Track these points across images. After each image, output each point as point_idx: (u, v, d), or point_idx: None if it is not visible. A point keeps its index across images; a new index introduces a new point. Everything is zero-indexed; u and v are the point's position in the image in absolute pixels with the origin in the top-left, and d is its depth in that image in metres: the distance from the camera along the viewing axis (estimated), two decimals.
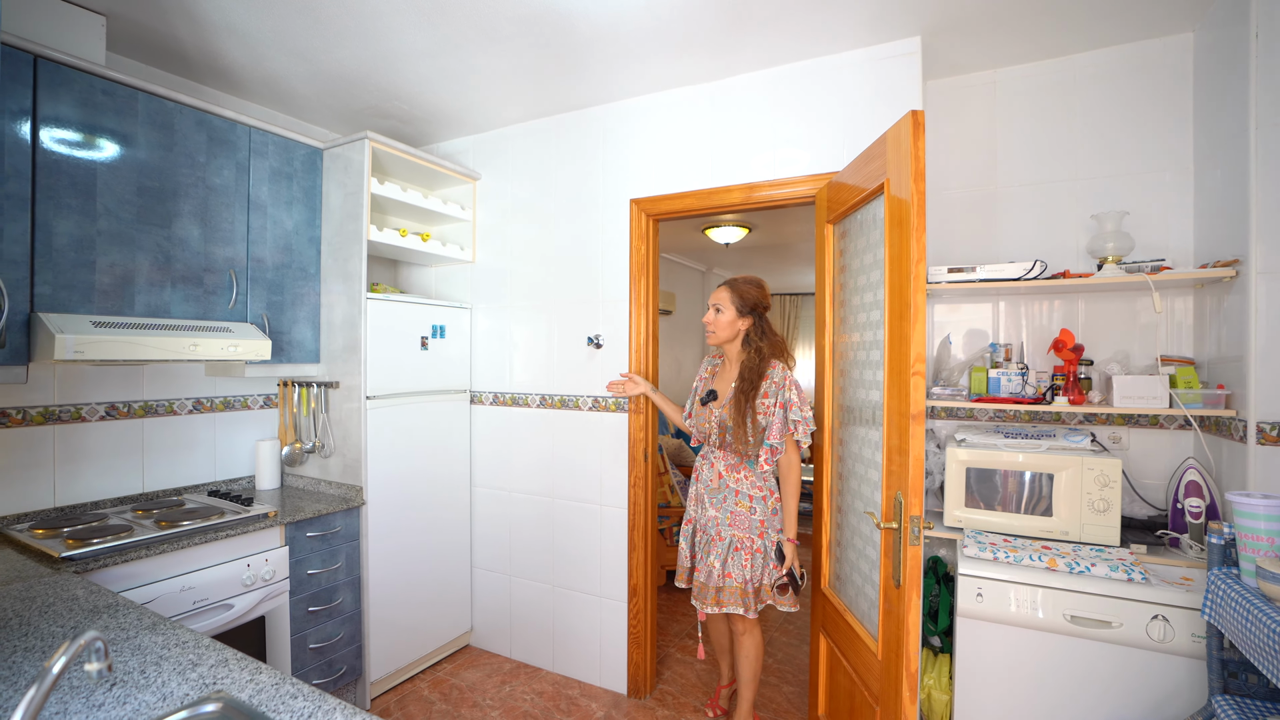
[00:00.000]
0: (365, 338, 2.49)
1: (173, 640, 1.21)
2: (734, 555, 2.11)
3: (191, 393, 2.50)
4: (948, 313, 2.46)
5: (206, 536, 1.95)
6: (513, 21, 2.07)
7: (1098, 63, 2.21)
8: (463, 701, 2.58)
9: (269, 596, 2.14)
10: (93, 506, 2.19)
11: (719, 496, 2.17)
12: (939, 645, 2.23)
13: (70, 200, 1.87)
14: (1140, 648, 1.66)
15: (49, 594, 1.45)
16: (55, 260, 1.84)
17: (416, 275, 3.29)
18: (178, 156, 2.13)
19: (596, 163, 2.74)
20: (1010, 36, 2.13)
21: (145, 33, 2.17)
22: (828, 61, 2.27)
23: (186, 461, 2.48)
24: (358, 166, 2.51)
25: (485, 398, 3.04)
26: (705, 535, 2.20)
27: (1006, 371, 2.13)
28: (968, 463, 2.07)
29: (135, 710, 0.98)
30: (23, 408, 2.03)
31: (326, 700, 1.00)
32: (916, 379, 1.51)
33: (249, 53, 2.30)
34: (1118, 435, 2.16)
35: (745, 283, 2.18)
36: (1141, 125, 2.16)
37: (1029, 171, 2.32)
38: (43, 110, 1.82)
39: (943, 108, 2.44)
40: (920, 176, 1.51)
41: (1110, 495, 1.88)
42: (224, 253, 2.27)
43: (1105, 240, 2.00)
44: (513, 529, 2.95)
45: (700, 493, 2.25)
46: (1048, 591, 1.76)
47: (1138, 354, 2.15)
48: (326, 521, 2.36)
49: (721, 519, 2.16)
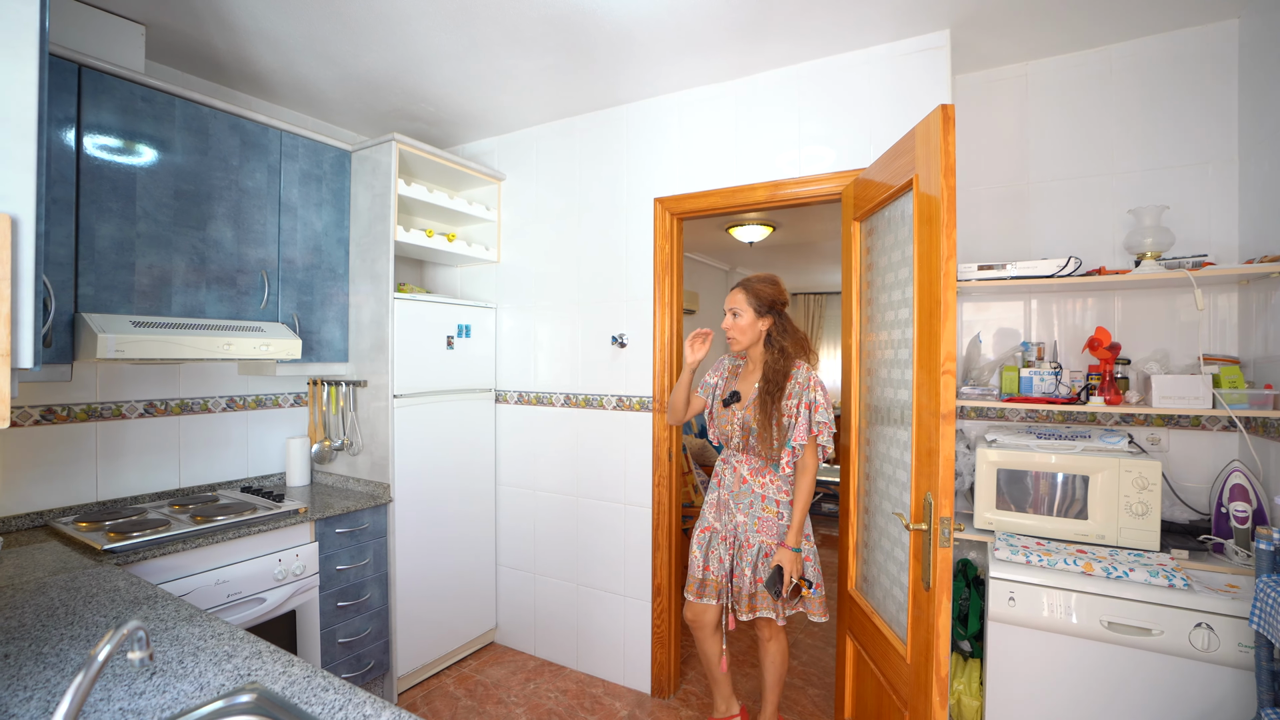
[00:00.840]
0: (392, 337, 2.53)
1: (209, 632, 1.24)
2: (764, 561, 2.04)
3: (225, 391, 2.56)
4: (977, 311, 2.41)
5: (240, 531, 2.00)
6: (537, 23, 2.08)
7: (1135, 52, 2.14)
8: (488, 698, 2.60)
9: (299, 591, 2.19)
10: (132, 501, 2.26)
11: (745, 501, 2.09)
12: (969, 650, 2.19)
13: (111, 204, 1.93)
14: (1183, 657, 1.61)
15: (92, 585, 1.50)
16: (97, 262, 1.90)
17: (442, 275, 3.32)
18: (212, 160, 2.19)
19: (620, 162, 2.75)
20: (1043, 27, 2.08)
21: (182, 40, 2.23)
22: (854, 57, 2.24)
23: (220, 458, 2.55)
24: (385, 168, 2.55)
25: (510, 397, 3.06)
26: (735, 541, 2.10)
27: (1039, 371, 2.08)
28: (999, 464, 2.02)
29: (174, 699, 1.00)
30: (68, 405, 2.10)
31: (357, 693, 1.01)
32: (947, 378, 1.48)
33: (280, 58, 2.35)
34: (1157, 437, 2.10)
35: (760, 281, 2.11)
36: (1182, 116, 2.09)
37: (1062, 166, 2.26)
38: (86, 117, 1.88)
39: (972, 102, 2.39)
40: (950, 171, 1.48)
41: (1149, 498, 1.82)
42: (256, 254, 2.32)
43: (1144, 235, 1.94)
44: (537, 527, 2.97)
45: (724, 498, 2.14)
46: (1083, 596, 1.71)
47: (1178, 353, 2.08)
48: (355, 518, 2.40)
49: (749, 525, 2.07)
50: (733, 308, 2.11)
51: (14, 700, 0.99)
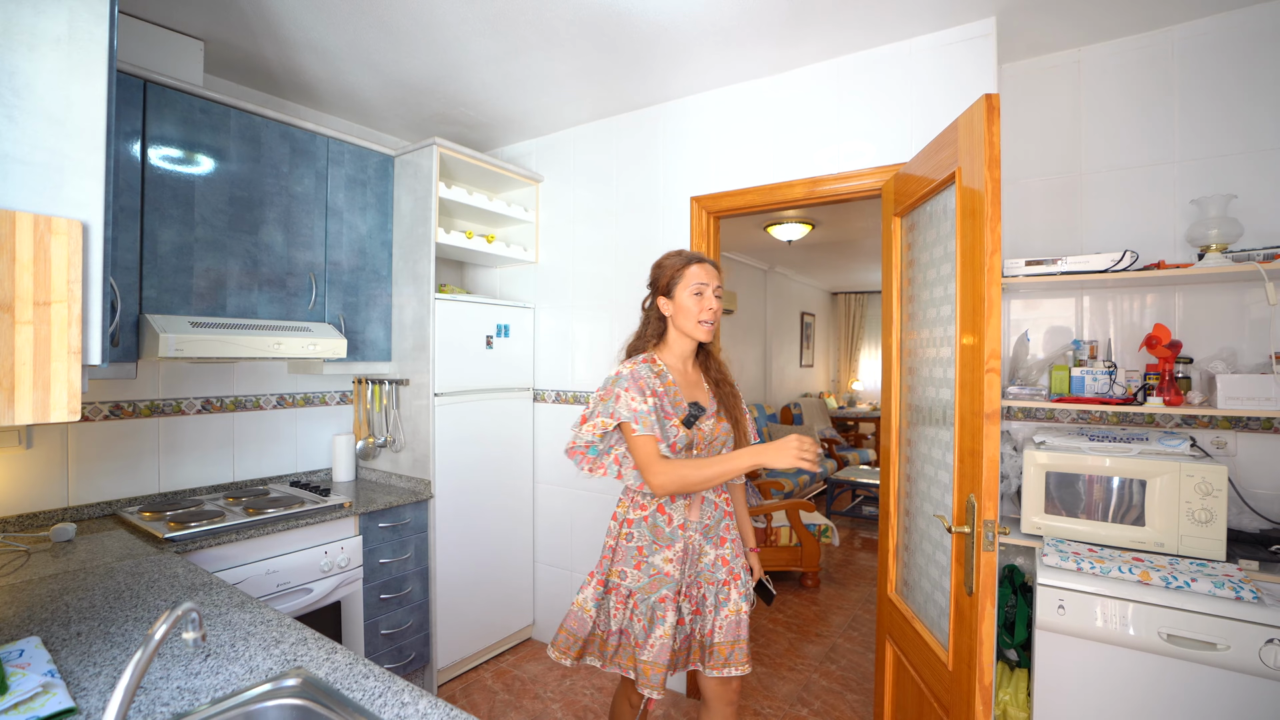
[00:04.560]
0: (433, 337, 2.59)
1: (259, 619, 1.29)
2: (732, 587, 1.69)
3: (276, 389, 2.67)
4: (1026, 309, 2.32)
5: (289, 524, 2.08)
6: (573, 24, 2.10)
7: (1201, 33, 2.03)
8: (524, 693, 2.64)
9: (344, 583, 2.26)
10: (190, 493, 2.37)
11: (717, 534, 1.69)
12: (1015, 659, 2.11)
13: (172, 211, 2.04)
14: (1252, 674, 1.51)
15: (154, 571, 1.58)
16: (160, 266, 2.01)
17: (482, 276, 3.39)
18: (264, 167, 2.29)
19: (657, 161, 2.75)
20: (1097, 9, 1.99)
21: (237, 54, 2.34)
22: (895, 49, 2.19)
23: (271, 453, 2.66)
24: (426, 172, 2.62)
25: (548, 395, 3.10)
26: (714, 586, 1.66)
27: (1091, 370, 1.99)
28: (1048, 466, 1.94)
29: (226, 680, 1.05)
30: (133, 401, 2.23)
31: (396, 681, 1.04)
32: (991, 376, 1.43)
33: (327, 67, 2.44)
34: (1222, 440, 1.98)
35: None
36: (1252, 98, 1.96)
37: (1117, 156, 2.16)
38: (150, 130, 1.99)
39: (1020, 92, 2.31)
40: (995, 163, 1.43)
41: (1214, 505, 1.72)
42: (304, 257, 2.42)
43: (1208, 227, 1.83)
44: (574, 525, 3.00)
45: (692, 543, 1.64)
46: (1140, 606, 1.62)
47: (1247, 351, 1.96)
48: (397, 513, 2.47)
49: (726, 554, 1.69)
50: (717, 286, 1.68)
51: (85, 675, 1.05)
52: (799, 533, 3.89)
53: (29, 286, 1.00)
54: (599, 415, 1.60)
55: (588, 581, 1.70)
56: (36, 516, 1.99)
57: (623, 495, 1.73)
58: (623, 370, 1.63)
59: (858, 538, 5.13)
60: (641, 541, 1.63)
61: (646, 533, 1.63)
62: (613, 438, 1.66)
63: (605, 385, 1.63)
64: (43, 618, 1.28)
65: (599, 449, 1.67)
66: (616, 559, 1.66)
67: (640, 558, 1.63)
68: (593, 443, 1.65)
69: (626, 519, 1.67)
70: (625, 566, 1.64)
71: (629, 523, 1.66)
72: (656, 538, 1.63)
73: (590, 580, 1.69)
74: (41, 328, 1.01)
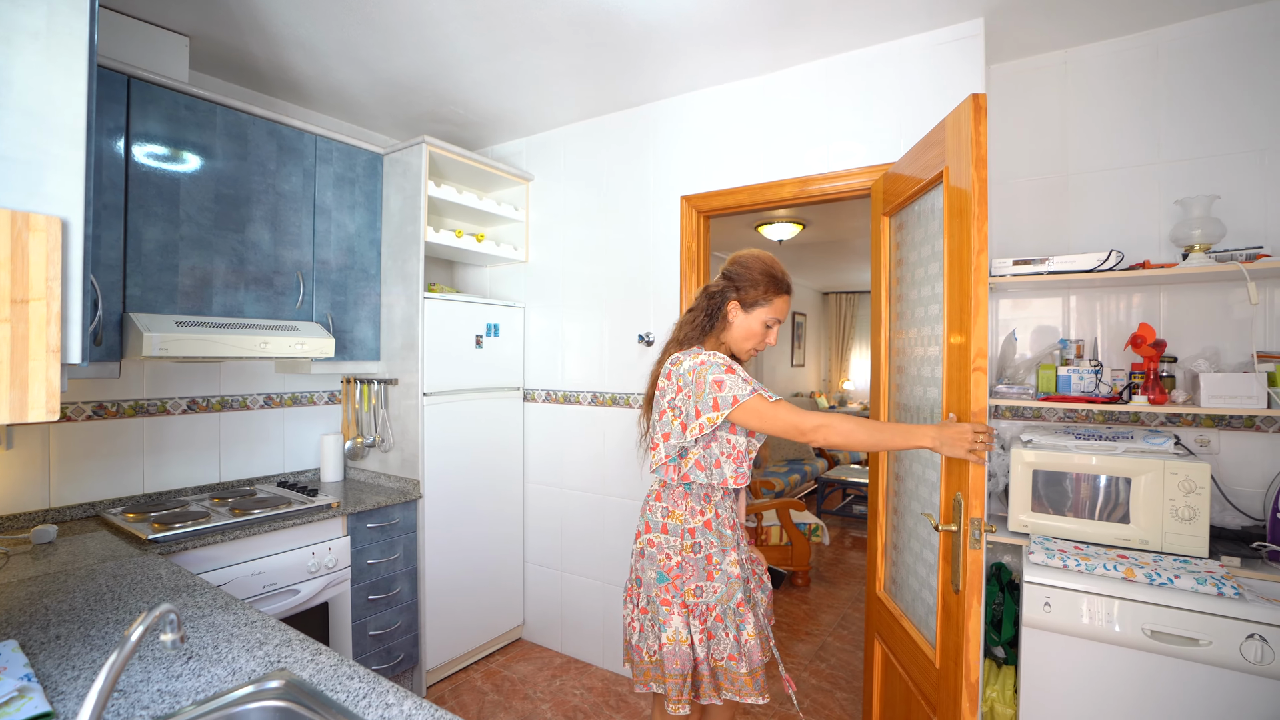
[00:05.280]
0: (422, 336, 2.58)
1: (243, 620, 1.28)
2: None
3: (263, 389, 2.65)
4: (1014, 308, 2.34)
5: (276, 524, 2.06)
6: (563, 23, 2.10)
7: (1187, 34, 2.05)
8: (514, 693, 2.63)
9: (332, 584, 2.24)
10: (175, 494, 2.35)
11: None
12: (1003, 656, 2.12)
13: (157, 208, 2.02)
14: (1233, 669, 1.53)
15: (137, 573, 1.56)
16: (144, 264, 1.99)
17: (472, 275, 3.38)
18: (251, 165, 2.27)
19: (647, 160, 2.75)
20: (1085, 11, 2.00)
21: (223, 50, 2.31)
22: (884, 49, 2.19)
23: (258, 453, 2.63)
24: (415, 170, 2.60)
25: (538, 395, 3.09)
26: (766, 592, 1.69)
27: (1078, 369, 2.01)
28: (1035, 464, 1.95)
29: (208, 682, 1.04)
30: (117, 401, 2.20)
31: (381, 682, 1.03)
32: (978, 375, 1.44)
33: (315, 64, 2.42)
34: (1205, 438, 2.00)
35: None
36: (1234, 101, 1.99)
37: (1104, 157, 2.18)
38: (134, 126, 1.97)
39: (1009, 92, 2.32)
40: (982, 163, 1.44)
41: (1197, 502, 1.74)
42: (292, 255, 2.40)
43: (1192, 227, 1.85)
44: (564, 525, 2.99)
45: (743, 542, 1.63)
46: (1125, 603, 1.64)
47: (1230, 350, 1.98)
48: (385, 513, 2.46)
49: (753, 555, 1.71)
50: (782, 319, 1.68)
51: (63, 679, 1.04)
52: (789, 532, 3.90)
53: (6, 284, 0.98)
54: (702, 414, 1.45)
55: (666, 612, 1.50)
56: (17, 518, 1.96)
57: (666, 503, 1.55)
58: (704, 359, 1.50)
59: (848, 536, 5.15)
60: (710, 550, 1.51)
61: (714, 538, 1.52)
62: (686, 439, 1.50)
63: (690, 381, 1.48)
64: (21, 621, 1.26)
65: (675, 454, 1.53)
66: (688, 576, 1.50)
67: (711, 566, 1.51)
68: (687, 448, 1.51)
69: (687, 528, 1.52)
70: (699, 582, 1.50)
71: (691, 532, 1.51)
72: (722, 542, 1.52)
73: (668, 610, 1.50)
74: (19, 326, 1.00)
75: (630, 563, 1.64)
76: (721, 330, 1.62)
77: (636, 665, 1.57)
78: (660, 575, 1.52)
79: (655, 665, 1.52)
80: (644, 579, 1.56)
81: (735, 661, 1.48)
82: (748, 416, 1.44)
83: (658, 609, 1.52)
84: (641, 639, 1.55)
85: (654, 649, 1.52)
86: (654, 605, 1.53)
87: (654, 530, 1.55)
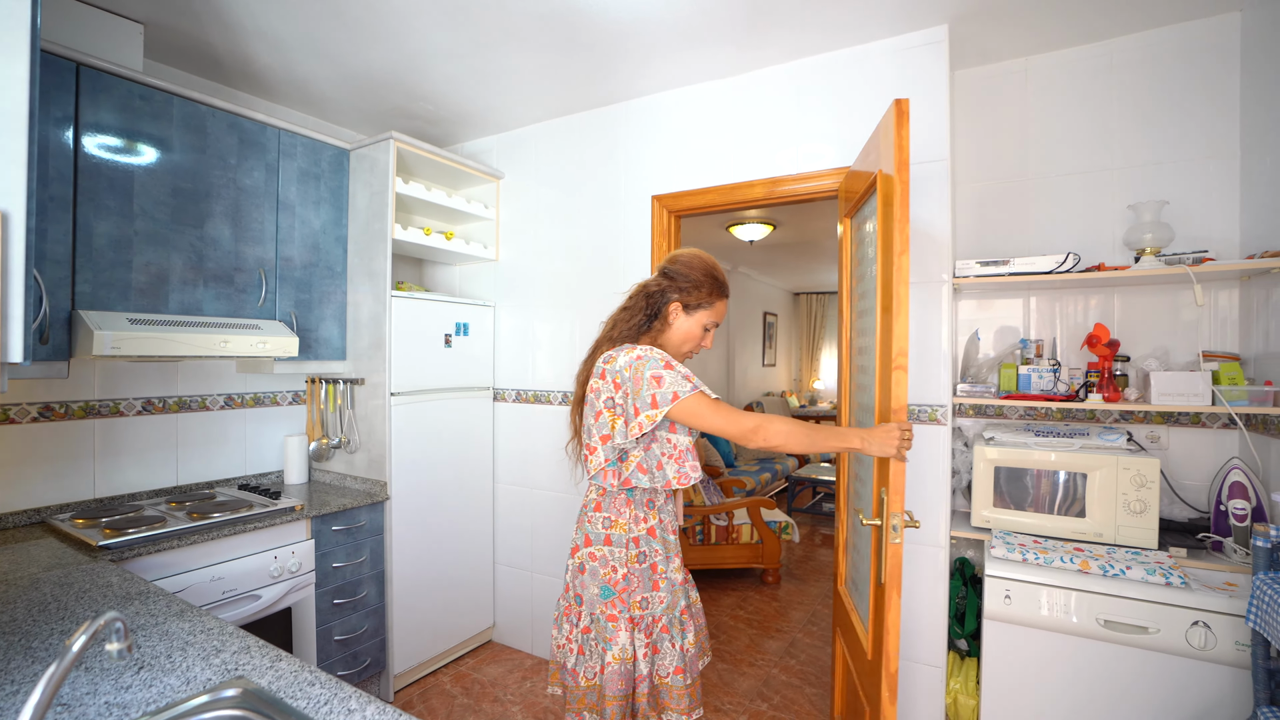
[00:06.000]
0: (390, 335, 2.53)
1: (199, 627, 1.24)
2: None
3: (223, 389, 2.57)
4: (977, 309, 2.39)
5: (236, 528, 2.00)
6: (535, 20, 2.08)
7: (1137, 46, 2.13)
8: (484, 696, 2.60)
9: (295, 588, 2.19)
10: (130, 498, 2.26)
11: None
12: (966, 649, 2.17)
13: (109, 202, 1.94)
14: (1180, 655, 1.59)
15: (85, 581, 1.50)
16: (95, 260, 1.91)
17: (441, 274, 3.33)
18: (210, 159, 2.20)
19: (618, 159, 2.74)
20: (1044, 21, 2.06)
21: (180, 39, 2.24)
22: (854, 52, 2.23)
23: (218, 455, 2.55)
24: (383, 166, 2.55)
25: (508, 395, 3.06)
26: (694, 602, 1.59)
27: (1038, 368, 2.07)
28: (996, 461, 2.01)
29: (160, 693, 1.00)
30: (65, 402, 2.11)
31: (343, 688, 1.01)
32: (899, 374, 1.46)
33: (279, 57, 2.35)
34: (1156, 434, 2.08)
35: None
36: (1184, 111, 2.07)
37: (1063, 161, 2.25)
38: (84, 116, 1.89)
39: (974, 97, 2.38)
40: (904, 166, 1.46)
41: (1147, 496, 1.81)
42: (254, 252, 2.33)
43: (1143, 231, 1.92)
44: (535, 525, 2.97)
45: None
46: (1080, 595, 1.69)
47: (1178, 350, 2.06)
48: (351, 516, 2.41)
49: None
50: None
51: (1, 693, 0.99)
52: (760, 530, 3.94)
53: None
54: (641, 412, 1.35)
55: (612, 629, 1.42)
56: None
57: (607, 513, 1.47)
58: (640, 353, 1.41)
59: (818, 534, 5.22)
60: (655, 558, 1.46)
61: (658, 546, 1.47)
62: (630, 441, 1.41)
63: (627, 378, 1.40)
64: None
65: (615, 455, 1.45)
66: (634, 588, 1.43)
67: (656, 575, 1.46)
68: (627, 449, 1.43)
69: (632, 538, 1.44)
70: (645, 593, 1.44)
71: (636, 541, 1.45)
72: (666, 549, 1.48)
73: (614, 626, 1.43)
74: None
75: (565, 580, 1.53)
76: (660, 331, 1.55)
77: (571, 691, 1.46)
78: (605, 590, 1.44)
79: (593, 690, 1.43)
80: (585, 596, 1.46)
81: (681, 675, 1.44)
82: (688, 414, 1.36)
83: (603, 626, 1.43)
84: (580, 662, 1.45)
85: (595, 670, 1.43)
86: (598, 623, 1.44)
87: (595, 543, 1.47)
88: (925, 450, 2.06)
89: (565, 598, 1.53)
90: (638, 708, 1.45)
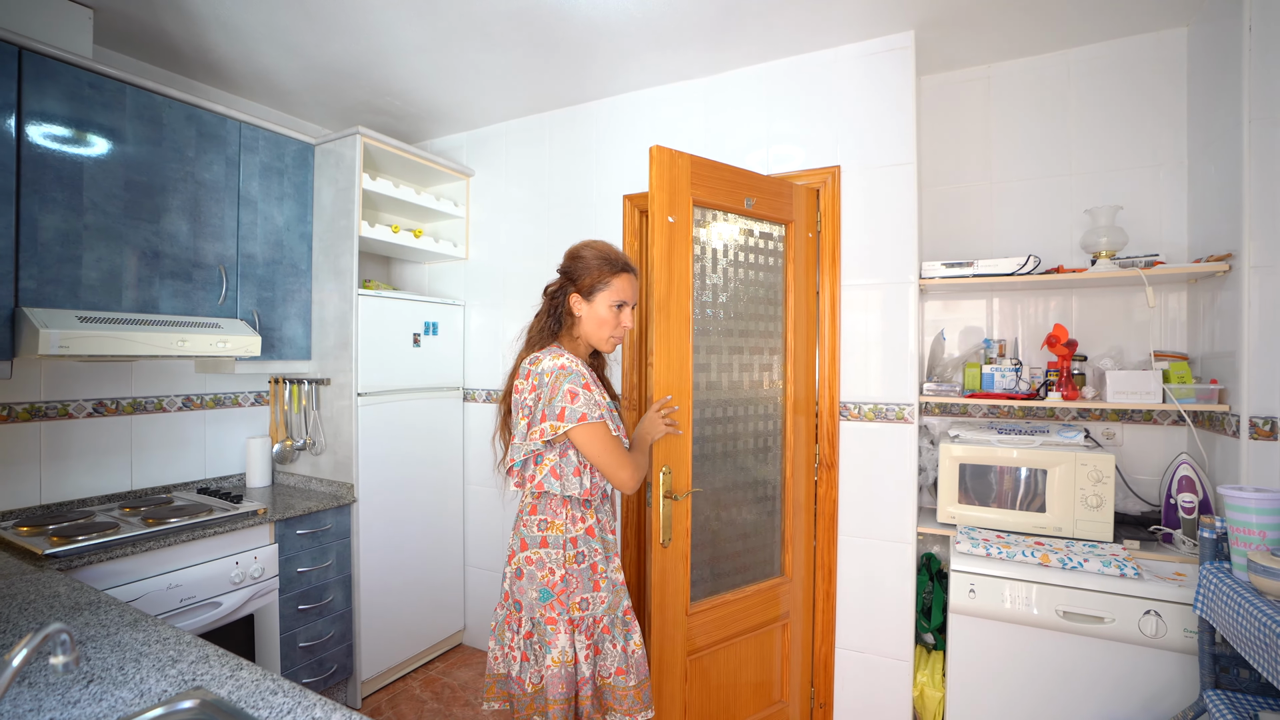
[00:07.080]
0: (357, 335, 2.47)
1: (154, 637, 1.19)
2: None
3: (181, 390, 2.48)
4: (943, 309, 2.45)
5: (194, 534, 1.94)
6: (505, 17, 2.06)
7: (1093, 57, 2.20)
8: (455, 700, 2.56)
9: (258, 594, 2.12)
10: (80, 504, 2.17)
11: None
12: (932, 642, 2.22)
13: (56, 194, 1.86)
14: (1133, 643, 1.65)
15: (30, 591, 1.43)
16: (40, 255, 1.82)
17: (410, 272, 3.27)
18: (166, 151, 2.12)
19: (590, 158, 2.73)
20: (1003, 31, 2.12)
21: (134, 26, 2.15)
22: (822, 56, 2.26)
23: (176, 459, 2.46)
24: (349, 162, 2.50)
25: (478, 395, 3.02)
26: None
27: (1000, 367, 2.12)
28: (961, 459, 2.06)
29: (111, 707, 0.96)
30: (8, 404, 2.01)
31: (307, 696, 0.98)
32: (649, 369, 1.74)
33: (239, 47, 2.28)
34: (1111, 431, 2.16)
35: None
36: (1136, 120, 2.15)
37: (1024, 167, 2.31)
38: (28, 104, 1.80)
39: (939, 102, 2.43)
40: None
41: (1103, 491, 1.87)
42: (214, 248, 2.25)
43: (1098, 235, 1.99)
44: (507, 527, 2.93)
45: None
46: (1041, 587, 1.75)
47: (1132, 349, 2.14)
48: (317, 519, 2.35)
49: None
50: (635, 303, 1.61)
51: None
52: None
53: None
54: (547, 419, 1.39)
55: (551, 631, 1.41)
56: None
57: (543, 515, 1.46)
58: (565, 364, 1.43)
59: None
60: (594, 558, 1.46)
61: (597, 546, 1.47)
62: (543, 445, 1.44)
63: (545, 383, 1.42)
64: None
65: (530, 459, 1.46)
66: (573, 589, 1.43)
67: (597, 575, 1.46)
68: (539, 452, 1.44)
69: (569, 538, 1.44)
70: (585, 594, 1.44)
71: (574, 541, 1.44)
72: (606, 549, 1.49)
73: (554, 629, 1.41)
74: None
75: (504, 589, 1.51)
76: (572, 326, 1.55)
77: (517, 699, 1.44)
78: (544, 592, 1.42)
79: (538, 694, 1.42)
80: (524, 601, 1.44)
81: (624, 675, 1.44)
82: (585, 440, 1.40)
83: (544, 630, 1.42)
84: (525, 668, 1.43)
85: (537, 676, 1.42)
86: (539, 626, 1.43)
87: (531, 547, 1.45)
88: (892, 448, 2.10)
89: (504, 606, 1.51)
90: (582, 711, 1.43)
